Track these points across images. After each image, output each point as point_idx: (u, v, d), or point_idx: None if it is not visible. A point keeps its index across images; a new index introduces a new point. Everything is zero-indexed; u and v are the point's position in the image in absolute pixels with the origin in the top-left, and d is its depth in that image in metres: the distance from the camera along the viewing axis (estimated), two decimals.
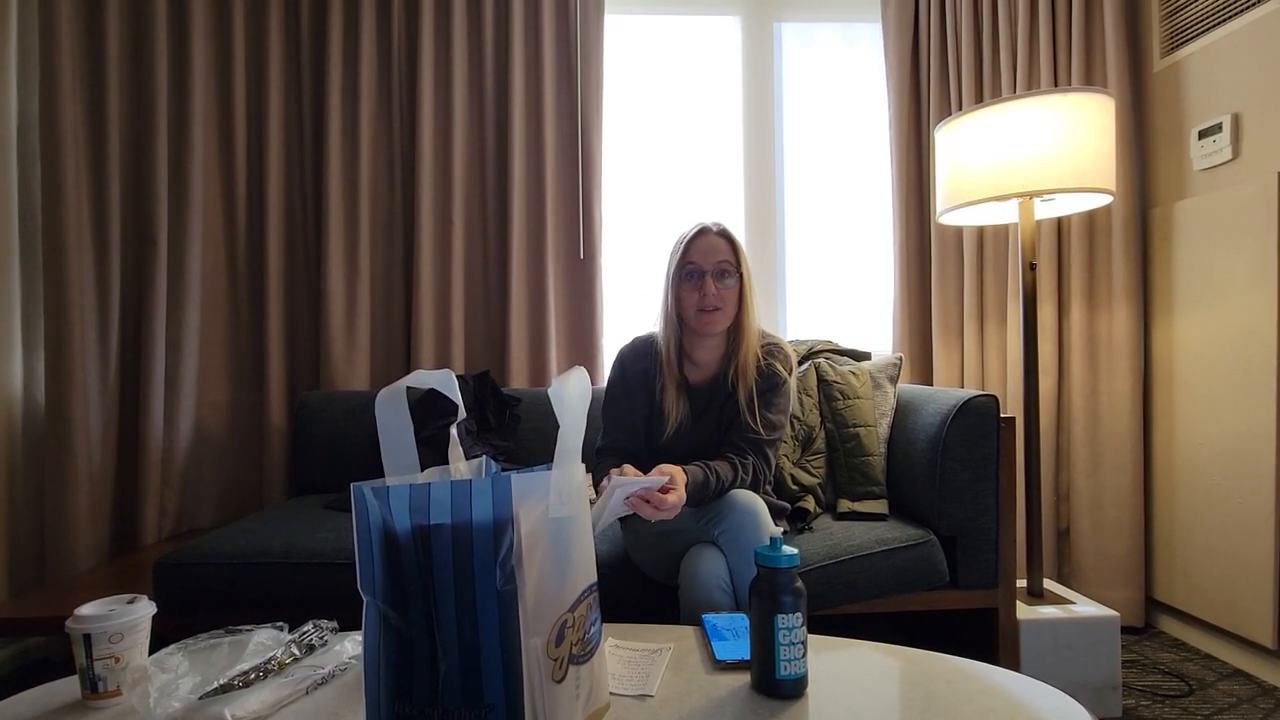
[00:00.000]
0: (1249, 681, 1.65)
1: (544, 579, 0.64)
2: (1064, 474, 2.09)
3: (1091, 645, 1.51)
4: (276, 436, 1.98)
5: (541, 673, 0.62)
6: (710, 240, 1.29)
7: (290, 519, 1.56)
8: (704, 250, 1.28)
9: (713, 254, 1.28)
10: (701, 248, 1.28)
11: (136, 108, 1.91)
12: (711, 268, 1.26)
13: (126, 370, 1.91)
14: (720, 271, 1.27)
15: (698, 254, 1.28)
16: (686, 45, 2.29)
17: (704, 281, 1.26)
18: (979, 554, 1.45)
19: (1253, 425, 1.66)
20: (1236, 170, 1.75)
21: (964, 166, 1.64)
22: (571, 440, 0.67)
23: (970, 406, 1.44)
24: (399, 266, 2.09)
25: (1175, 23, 1.91)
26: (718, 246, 1.28)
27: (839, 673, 0.84)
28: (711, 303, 1.26)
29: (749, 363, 1.30)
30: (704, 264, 1.27)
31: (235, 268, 2.02)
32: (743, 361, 1.30)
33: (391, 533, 0.61)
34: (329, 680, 0.82)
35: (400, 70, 2.06)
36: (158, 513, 1.89)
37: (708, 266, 1.27)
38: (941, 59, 2.12)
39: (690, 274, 1.28)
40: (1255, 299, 1.65)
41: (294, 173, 2.05)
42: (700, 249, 1.28)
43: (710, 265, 1.27)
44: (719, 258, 1.27)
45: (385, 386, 0.68)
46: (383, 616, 0.61)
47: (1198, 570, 1.82)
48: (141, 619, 0.82)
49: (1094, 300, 2.03)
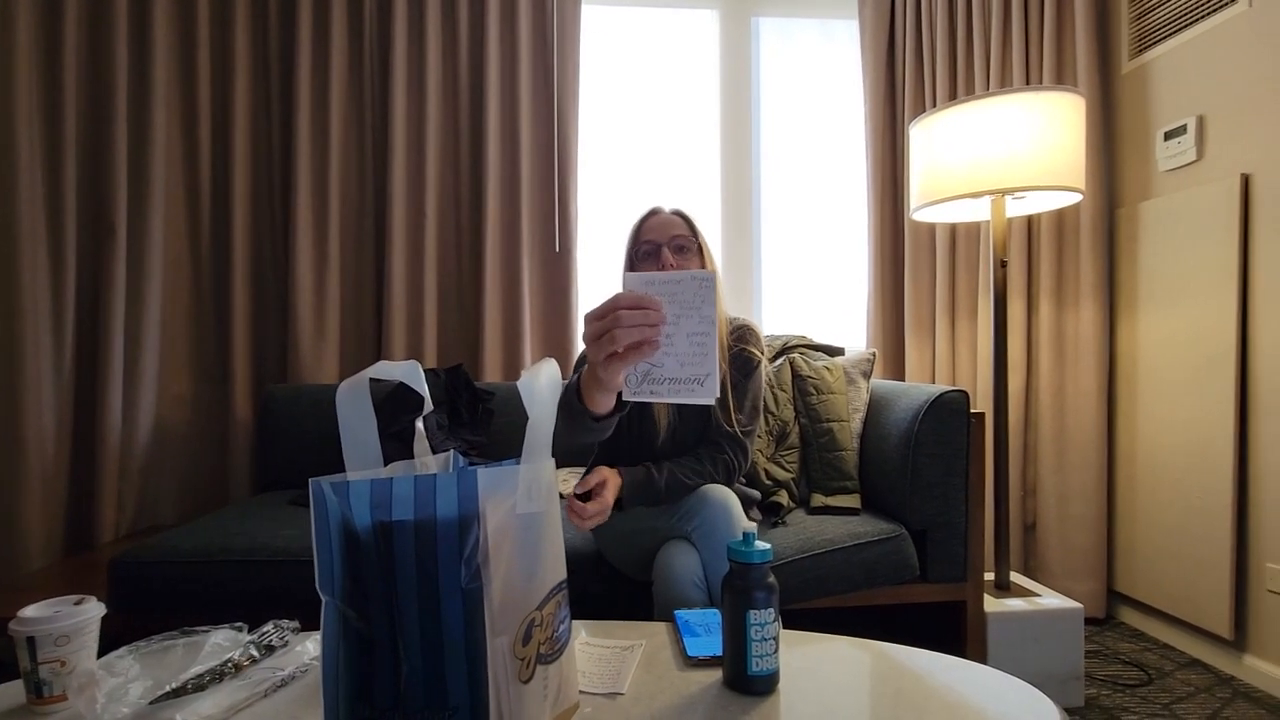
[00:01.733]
0: (1206, 671, 1.70)
1: (511, 576, 0.62)
2: (1031, 469, 2.13)
3: (1056, 637, 1.54)
4: (241, 431, 1.92)
5: (508, 672, 0.60)
6: (663, 217, 1.25)
7: (254, 515, 1.52)
8: (657, 227, 1.24)
9: (668, 228, 1.24)
10: (655, 225, 1.25)
11: (94, 90, 1.84)
12: (668, 241, 1.22)
13: (83, 363, 1.84)
14: (678, 246, 1.23)
15: (652, 231, 1.24)
16: (664, 38, 2.27)
17: (661, 254, 1.21)
18: (949, 548, 1.47)
19: (1212, 422, 1.70)
20: (1200, 171, 1.79)
21: (938, 163, 1.66)
22: (541, 433, 0.66)
23: (941, 402, 1.46)
24: (370, 257, 2.04)
25: (1143, 25, 1.95)
26: (672, 222, 1.25)
27: (810, 668, 0.84)
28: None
29: (719, 352, 1.26)
30: (659, 238, 1.23)
31: (199, 257, 1.96)
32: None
33: (352, 529, 0.59)
34: (289, 682, 0.80)
35: (372, 56, 2.01)
36: (115, 510, 1.82)
37: (663, 240, 1.23)
38: (917, 56, 2.13)
39: (647, 253, 1.23)
40: (1216, 299, 1.70)
41: (261, 159, 1.99)
42: (654, 226, 1.25)
43: (666, 239, 1.23)
44: (674, 232, 1.23)
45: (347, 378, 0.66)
46: (342, 617, 0.59)
47: (1158, 563, 1.87)
48: (89, 621, 0.78)
49: (1062, 298, 2.07)
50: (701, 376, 0.73)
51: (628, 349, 0.74)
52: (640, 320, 0.73)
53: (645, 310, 0.73)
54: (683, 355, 0.74)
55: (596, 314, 0.75)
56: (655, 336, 0.73)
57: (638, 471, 1.19)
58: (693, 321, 0.73)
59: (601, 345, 0.74)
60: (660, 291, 0.74)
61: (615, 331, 0.73)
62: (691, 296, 0.73)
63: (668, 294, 0.74)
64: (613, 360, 0.76)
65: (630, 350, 0.74)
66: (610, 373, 0.78)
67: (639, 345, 0.73)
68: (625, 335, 0.73)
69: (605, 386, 0.86)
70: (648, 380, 0.75)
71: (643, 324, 0.73)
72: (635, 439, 1.29)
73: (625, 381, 0.77)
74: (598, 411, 0.95)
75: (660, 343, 0.74)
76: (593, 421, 0.97)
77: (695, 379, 0.74)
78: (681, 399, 0.75)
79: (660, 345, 0.74)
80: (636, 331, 0.73)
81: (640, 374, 0.76)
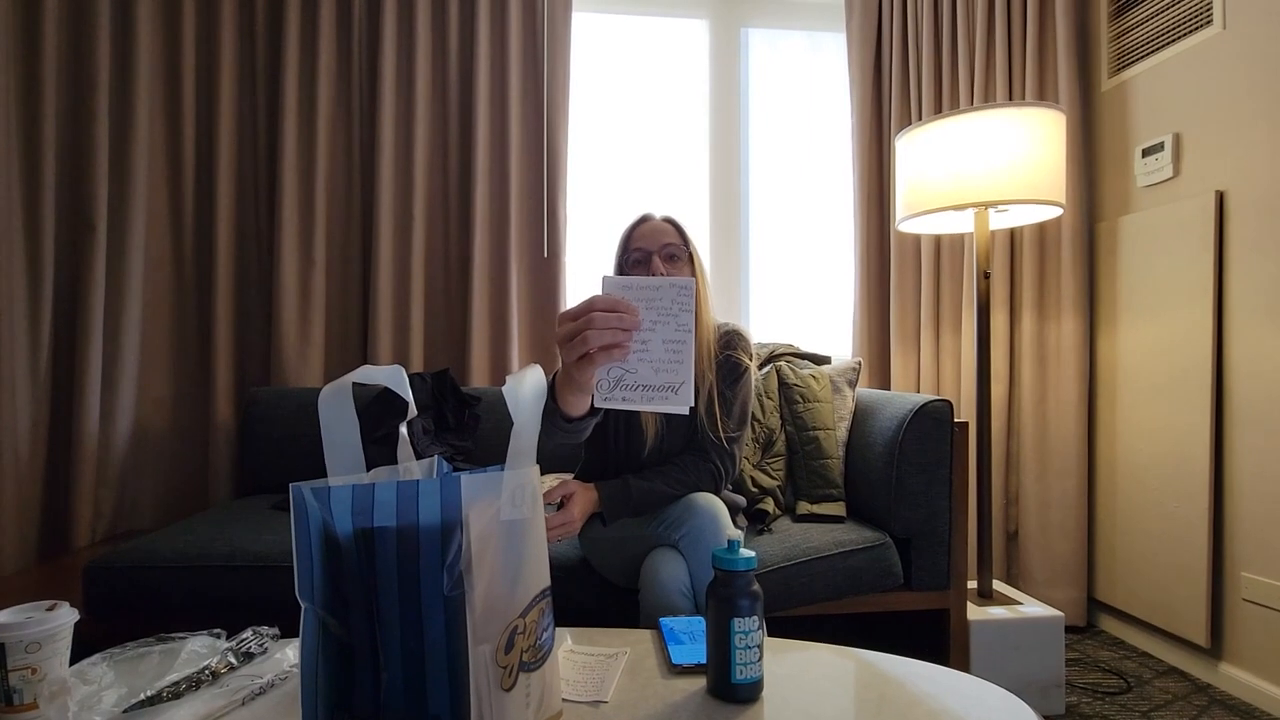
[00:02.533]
0: (1184, 679, 1.72)
1: (494, 584, 0.62)
2: (1014, 478, 2.15)
3: (1038, 644, 1.55)
4: (223, 434, 1.90)
5: (490, 681, 0.60)
6: (654, 224, 1.25)
7: (235, 520, 1.50)
8: (648, 234, 1.23)
9: (659, 236, 1.23)
10: (646, 232, 1.24)
11: (75, 86, 1.82)
12: (658, 249, 1.21)
13: (60, 363, 1.81)
14: (669, 254, 1.21)
15: (642, 239, 1.23)
16: (654, 46, 2.29)
17: (651, 263, 1.20)
18: (932, 556, 1.48)
19: (1188, 433, 1.73)
20: (1177, 187, 1.82)
21: (922, 175, 1.68)
22: (526, 439, 0.65)
23: (926, 411, 1.47)
24: (356, 260, 2.03)
25: (1123, 44, 1.99)
26: (663, 229, 1.24)
27: (794, 676, 0.84)
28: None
29: (705, 360, 1.24)
30: (650, 246, 1.22)
31: (181, 257, 1.94)
32: (700, 360, 1.23)
33: (332, 536, 0.58)
34: (267, 690, 0.79)
35: (361, 59, 2.00)
36: (91, 513, 1.79)
37: (654, 248, 1.21)
38: (903, 70, 2.16)
39: (637, 260, 1.22)
40: (1193, 312, 1.73)
41: (246, 160, 1.97)
42: (645, 233, 1.24)
43: (656, 246, 1.21)
44: (665, 240, 1.22)
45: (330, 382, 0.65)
46: (322, 624, 0.59)
47: (1137, 572, 1.89)
48: (61, 627, 0.77)
49: (1044, 310, 2.10)
50: (675, 385, 0.73)
51: (599, 350, 0.73)
52: (614, 323, 0.72)
53: (620, 314, 0.73)
54: (658, 362, 0.74)
55: (571, 314, 0.75)
56: (626, 341, 0.73)
57: (614, 485, 1.18)
58: (669, 329, 0.73)
59: (574, 346, 0.74)
60: (638, 297, 0.73)
61: (587, 332, 0.72)
62: (670, 304, 0.73)
63: (645, 299, 0.73)
64: (584, 362, 0.75)
65: (601, 352, 0.73)
66: (582, 374, 0.77)
67: (610, 348, 0.73)
68: (597, 336, 0.72)
69: (578, 387, 0.86)
70: (620, 386, 0.74)
71: (616, 326, 0.72)
72: (623, 448, 1.29)
73: (597, 387, 0.76)
74: (571, 413, 0.94)
75: (633, 348, 0.73)
76: (565, 422, 0.95)
77: (669, 386, 0.73)
78: (654, 407, 0.74)
79: (632, 350, 0.73)
80: (609, 334, 0.72)
81: (613, 380, 0.74)
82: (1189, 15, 1.78)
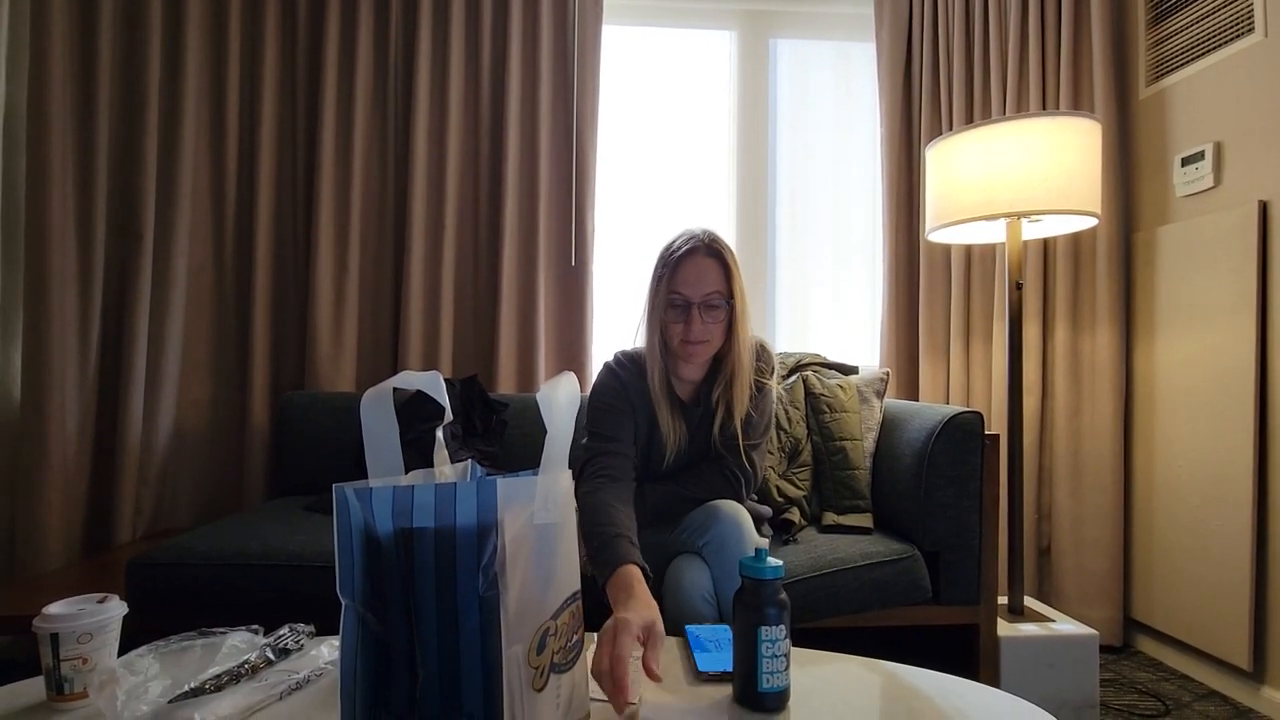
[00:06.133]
0: (1224, 703, 1.66)
1: (527, 586, 0.63)
2: (1046, 492, 2.10)
3: (1071, 663, 1.52)
4: (258, 437, 1.95)
5: (522, 681, 0.61)
6: (699, 264, 1.17)
7: (269, 520, 1.54)
8: (693, 280, 1.17)
9: (702, 284, 1.16)
10: (690, 276, 1.16)
11: (127, 101, 1.89)
12: (700, 300, 1.16)
13: (106, 366, 1.88)
14: (709, 305, 1.17)
15: (685, 284, 1.17)
16: (682, 58, 2.31)
17: (690, 315, 1.16)
18: (962, 570, 1.46)
19: (1231, 449, 1.68)
20: (1218, 198, 1.78)
21: (953, 186, 1.66)
22: (559, 446, 0.67)
23: (955, 423, 1.45)
24: (389, 268, 2.07)
25: (1160, 52, 1.96)
26: (707, 274, 1.17)
27: (821, 686, 0.83)
28: (697, 336, 1.17)
29: (741, 395, 1.23)
30: (691, 295, 1.16)
31: (222, 265, 2.00)
32: (736, 394, 1.22)
33: (373, 535, 0.60)
34: (303, 685, 0.81)
35: (396, 73, 2.06)
36: (133, 511, 1.85)
37: (695, 298, 1.16)
38: (933, 80, 2.15)
39: (675, 305, 1.18)
40: (1235, 325, 1.68)
41: (285, 171, 2.03)
42: (688, 278, 1.17)
43: (699, 297, 1.16)
44: (708, 289, 1.16)
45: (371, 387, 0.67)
46: (361, 620, 0.60)
47: (1175, 591, 1.84)
48: (111, 619, 0.80)
49: (1078, 321, 2.06)
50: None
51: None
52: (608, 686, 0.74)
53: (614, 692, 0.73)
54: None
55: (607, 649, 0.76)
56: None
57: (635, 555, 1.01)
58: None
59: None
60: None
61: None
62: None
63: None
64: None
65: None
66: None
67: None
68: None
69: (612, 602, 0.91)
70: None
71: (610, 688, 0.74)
72: (642, 460, 1.30)
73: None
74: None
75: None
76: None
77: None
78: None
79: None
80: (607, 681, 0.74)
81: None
82: (1229, 23, 1.74)
